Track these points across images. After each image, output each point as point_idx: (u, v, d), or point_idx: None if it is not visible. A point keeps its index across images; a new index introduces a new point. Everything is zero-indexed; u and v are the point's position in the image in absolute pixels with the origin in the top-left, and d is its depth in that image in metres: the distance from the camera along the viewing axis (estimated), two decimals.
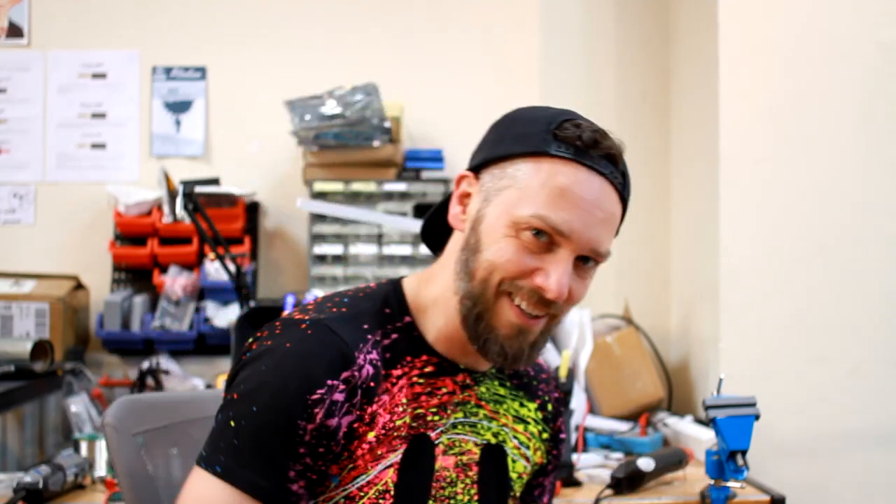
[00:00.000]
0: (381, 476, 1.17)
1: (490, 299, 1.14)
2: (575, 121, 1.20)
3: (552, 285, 1.12)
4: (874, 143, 2.55)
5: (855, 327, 2.52)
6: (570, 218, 1.12)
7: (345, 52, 3.07)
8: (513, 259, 1.13)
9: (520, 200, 1.14)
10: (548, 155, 1.15)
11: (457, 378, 1.23)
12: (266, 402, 1.11)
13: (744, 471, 1.51)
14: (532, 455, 1.34)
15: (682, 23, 2.98)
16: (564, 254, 1.13)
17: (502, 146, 1.18)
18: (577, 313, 2.65)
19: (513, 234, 1.13)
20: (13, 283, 2.80)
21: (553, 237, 1.13)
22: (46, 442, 2.67)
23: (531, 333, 1.16)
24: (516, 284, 1.14)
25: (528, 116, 1.21)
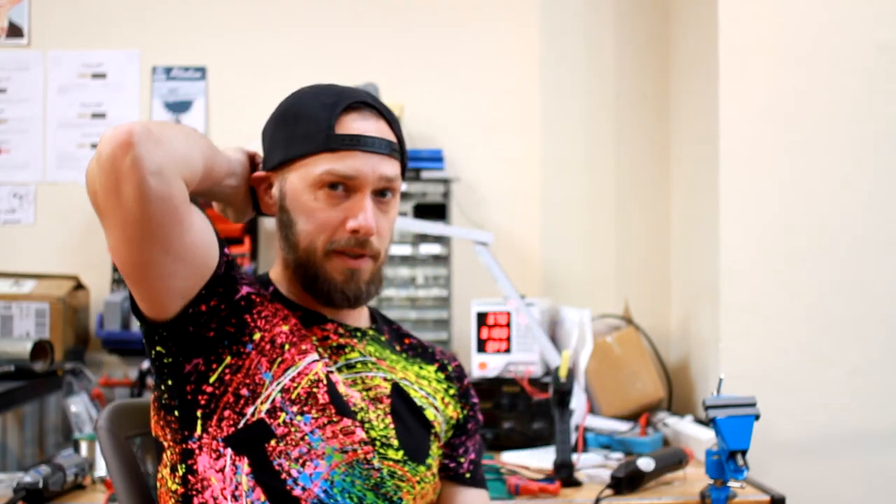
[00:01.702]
0: (311, 367, 1.28)
1: (318, 261, 1.31)
2: (352, 108, 1.33)
3: (362, 222, 1.29)
4: (874, 143, 2.55)
5: (855, 327, 2.52)
6: (354, 162, 1.30)
7: (345, 52, 3.06)
8: (322, 220, 1.30)
9: (308, 164, 1.31)
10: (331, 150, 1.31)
11: (325, 326, 1.35)
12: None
13: (744, 471, 1.51)
14: (442, 407, 1.44)
15: (682, 23, 2.98)
16: (362, 194, 1.31)
17: (293, 148, 1.33)
18: (578, 313, 2.65)
19: (313, 197, 1.30)
20: (13, 283, 2.80)
21: (346, 184, 1.30)
22: (46, 442, 2.67)
23: (362, 272, 1.33)
24: (335, 241, 1.31)
25: (309, 111, 1.33)
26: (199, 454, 1.25)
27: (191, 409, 1.26)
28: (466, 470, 1.46)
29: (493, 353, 2.60)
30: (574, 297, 3.00)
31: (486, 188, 3.06)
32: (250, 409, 1.25)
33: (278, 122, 1.36)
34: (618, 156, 3.11)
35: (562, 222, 3.09)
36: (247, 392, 1.25)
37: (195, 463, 1.25)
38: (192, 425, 1.26)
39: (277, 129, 1.36)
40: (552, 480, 2.11)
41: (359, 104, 1.33)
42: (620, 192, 3.10)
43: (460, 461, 1.46)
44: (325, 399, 1.27)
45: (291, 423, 1.25)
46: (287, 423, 1.25)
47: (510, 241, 3.03)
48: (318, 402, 1.26)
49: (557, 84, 3.10)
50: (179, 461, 1.27)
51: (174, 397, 1.27)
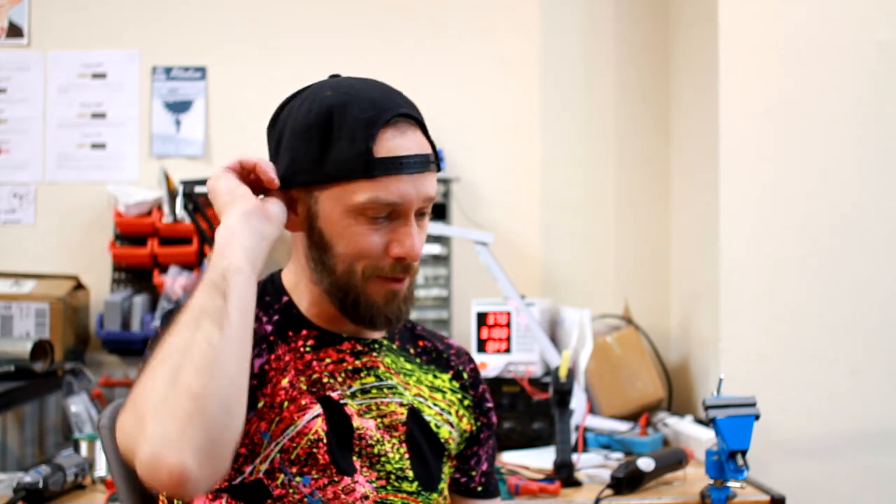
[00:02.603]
0: (310, 426, 1.22)
1: (359, 286, 1.23)
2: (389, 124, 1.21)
3: (408, 252, 1.21)
4: (874, 142, 2.55)
5: (855, 327, 2.52)
6: (398, 188, 1.20)
7: (345, 52, 3.07)
8: (365, 245, 1.21)
9: (346, 190, 1.20)
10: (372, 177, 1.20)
11: (341, 347, 1.29)
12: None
13: (744, 471, 1.51)
14: (457, 421, 1.39)
15: (682, 23, 2.98)
16: (406, 218, 1.22)
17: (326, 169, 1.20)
18: (578, 313, 2.66)
19: (353, 222, 1.20)
20: (13, 283, 2.80)
21: (391, 210, 1.21)
22: (46, 442, 2.67)
23: (401, 292, 1.26)
24: (378, 267, 1.23)
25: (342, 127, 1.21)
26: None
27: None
28: (478, 483, 1.43)
29: (493, 353, 2.60)
30: (574, 297, 3.00)
31: (486, 188, 3.06)
32: (249, 468, 1.20)
33: (302, 133, 1.22)
34: (618, 156, 3.11)
35: (562, 222, 3.09)
36: (245, 451, 1.20)
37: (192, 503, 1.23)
38: None
39: (301, 141, 1.22)
40: (552, 480, 2.11)
41: (396, 117, 1.22)
42: (620, 192, 3.10)
43: (471, 474, 1.43)
44: (326, 459, 1.22)
45: (290, 484, 1.21)
46: (285, 485, 1.21)
47: (510, 241, 3.03)
48: (318, 462, 1.21)
49: (557, 84, 3.10)
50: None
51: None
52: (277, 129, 1.27)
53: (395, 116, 1.22)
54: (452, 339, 1.51)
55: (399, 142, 1.21)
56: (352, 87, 1.25)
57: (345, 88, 1.24)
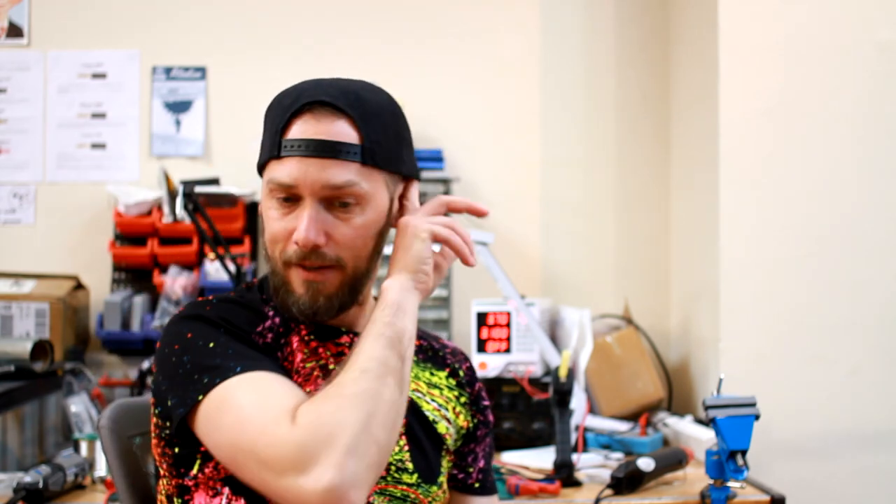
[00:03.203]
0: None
1: (280, 271, 1.25)
2: (304, 111, 1.23)
3: (299, 235, 1.20)
4: (874, 142, 2.55)
5: (855, 327, 2.52)
6: (293, 170, 1.21)
7: (344, 52, 3.07)
8: (274, 230, 1.24)
9: (266, 172, 1.25)
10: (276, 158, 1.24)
11: (339, 340, 1.30)
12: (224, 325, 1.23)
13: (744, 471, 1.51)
14: (454, 418, 1.40)
15: (682, 23, 2.98)
16: (304, 203, 1.21)
17: (261, 153, 1.27)
18: (578, 313, 2.66)
19: (269, 206, 1.24)
20: (13, 283, 2.80)
21: (288, 193, 1.22)
22: (46, 442, 2.67)
23: (322, 285, 1.24)
24: (286, 252, 1.24)
25: (272, 113, 1.27)
26: (196, 491, 1.22)
27: (192, 449, 1.21)
28: (475, 480, 1.44)
29: (493, 353, 2.60)
30: (574, 297, 3.00)
31: (486, 188, 3.06)
32: None
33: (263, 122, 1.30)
34: (618, 156, 3.11)
35: (562, 222, 3.09)
36: None
37: (192, 499, 1.23)
38: (190, 464, 1.22)
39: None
40: (552, 480, 2.11)
41: (314, 104, 1.21)
42: (620, 192, 3.10)
43: (469, 471, 1.43)
44: None
45: None
46: None
47: (510, 241, 3.03)
48: None
49: (557, 84, 3.10)
50: (176, 494, 1.25)
51: (177, 436, 1.21)
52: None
53: (314, 103, 1.22)
54: (447, 340, 1.51)
55: (309, 127, 1.21)
56: (305, 81, 1.28)
57: (302, 82, 1.28)
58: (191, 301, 1.30)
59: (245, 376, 1.15)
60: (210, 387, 1.15)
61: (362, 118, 1.22)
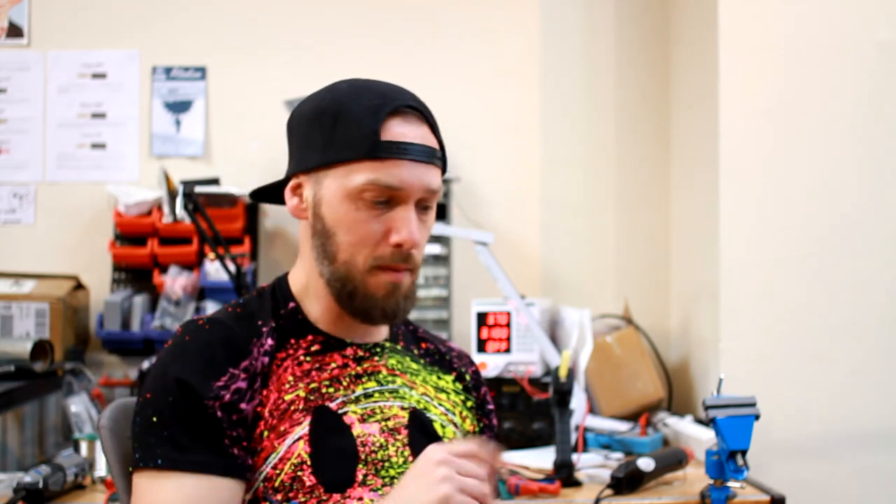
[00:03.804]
0: (292, 450, 1.21)
1: (359, 276, 1.24)
2: (397, 113, 1.24)
3: (405, 236, 1.22)
4: (874, 142, 2.55)
5: (855, 327, 2.52)
6: (399, 172, 1.22)
7: (344, 52, 3.07)
8: (365, 232, 1.23)
9: (349, 171, 1.22)
10: (375, 158, 1.22)
11: (345, 352, 1.30)
12: (176, 390, 1.19)
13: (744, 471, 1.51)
14: (461, 422, 1.39)
15: (682, 23, 2.98)
16: (406, 205, 1.23)
17: (332, 152, 1.24)
18: (578, 313, 2.66)
19: (354, 207, 1.22)
20: (13, 283, 2.80)
21: (390, 195, 1.22)
22: (46, 442, 2.67)
23: (402, 286, 1.26)
24: (378, 256, 1.23)
25: (351, 113, 1.24)
26: None
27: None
28: None
29: (493, 353, 2.60)
30: (574, 297, 3.00)
31: (486, 188, 3.06)
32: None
33: (314, 120, 1.26)
34: (618, 156, 3.11)
35: (562, 222, 3.09)
36: None
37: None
38: None
39: (312, 128, 1.26)
40: (552, 480, 2.11)
41: (404, 108, 1.24)
42: (620, 192, 3.10)
43: None
44: (312, 481, 1.20)
45: None
46: None
47: (510, 241, 3.03)
48: (304, 485, 1.20)
49: (557, 84, 3.10)
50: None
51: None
52: (292, 121, 1.31)
53: (404, 107, 1.24)
54: (453, 343, 1.51)
55: (404, 129, 1.24)
56: (368, 82, 1.29)
57: (360, 83, 1.29)
58: (186, 324, 1.27)
59: (162, 474, 1.16)
60: (137, 465, 1.19)
61: (435, 125, 1.29)
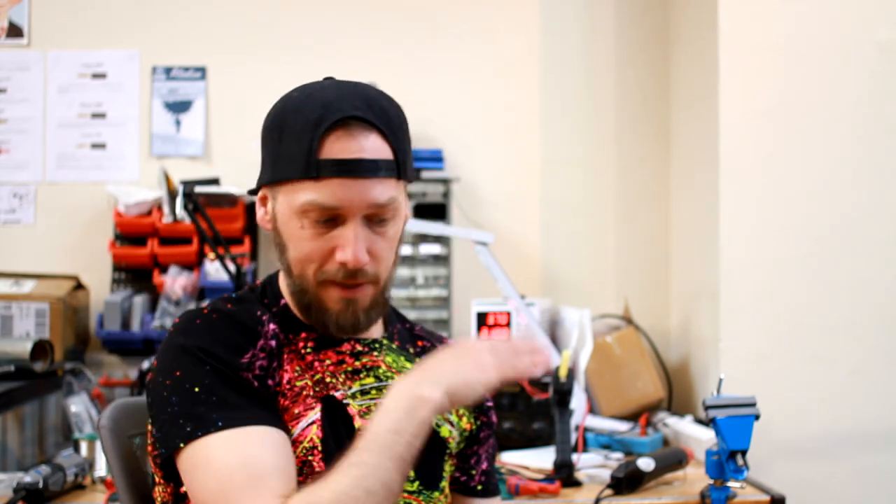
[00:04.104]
0: (305, 433, 1.22)
1: (312, 290, 1.23)
2: (338, 126, 1.19)
3: (349, 256, 1.19)
4: (874, 142, 2.55)
5: (855, 327, 2.52)
6: (338, 191, 1.18)
7: (344, 52, 3.07)
8: (309, 250, 1.21)
9: (293, 190, 1.20)
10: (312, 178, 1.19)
11: (341, 349, 1.29)
12: (211, 359, 1.18)
13: (744, 471, 1.51)
14: (457, 420, 1.38)
15: (682, 23, 2.98)
16: (349, 223, 1.20)
17: (277, 169, 1.22)
18: (578, 313, 2.66)
19: (299, 225, 1.21)
20: (13, 283, 2.80)
21: (331, 215, 1.20)
22: (46, 442, 2.67)
23: (360, 301, 1.24)
24: (325, 271, 1.22)
25: (293, 127, 1.20)
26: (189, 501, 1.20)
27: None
28: (478, 482, 1.43)
29: None
30: (574, 297, 3.00)
31: (486, 188, 3.06)
32: None
33: (265, 135, 1.25)
34: (618, 156, 3.11)
35: (562, 222, 3.09)
36: None
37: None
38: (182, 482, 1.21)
39: (264, 143, 1.25)
40: (552, 480, 2.11)
41: (347, 119, 1.18)
42: (620, 192, 3.10)
43: (471, 473, 1.42)
44: (321, 466, 1.20)
45: None
46: None
47: (510, 241, 3.03)
48: (313, 469, 1.20)
49: (557, 84, 3.10)
50: (171, 502, 1.25)
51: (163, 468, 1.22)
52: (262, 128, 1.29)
53: (347, 119, 1.18)
54: (451, 340, 1.50)
55: (345, 144, 1.18)
56: (317, 89, 1.23)
57: (310, 90, 1.24)
58: (186, 313, 1.26)
59: (225, 434, 1.14)
60: (191, 437, 1.15)
61: (391, 131, 1.21)
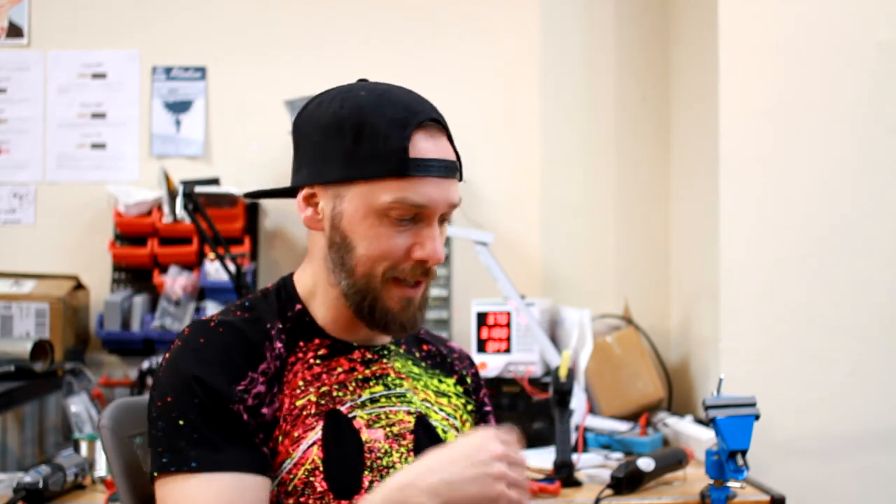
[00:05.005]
0: (306, 455, 1.22)
1: (377, 289, 1.24)
2: (422, 127, 1.23)
3: (430, 255, 1.22)
4: (874, 142, 2.55)
5: (855, 327, 2.52)
6: (427, 190, 1.21)
7: (344, 52, 3.07)
8: (388, 247, 1.22)
9: (375, 188, 1.21)
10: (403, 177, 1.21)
11: (352, 356, 1.29)
12: (201, 391, 1.17)
13: (744, 471, 1.51)
14: (461, 426, 1.39)
15: (682, 23, 2.98)
16: (430, 221, 1.23)
17: (356, 167, 1.22)
18: (578, 313, 2.66)
19: (378, 222, 1.21)
20: (13, 283, 2.80)
21: (417, 213, 1.22)
22: (46, 442, 2.67)
23: (416, 300, 1.27)
24: (399, 269, 1.23)
25: (376, 126, 1.22)
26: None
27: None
28: None
29: (493, 353, 2.60)
30: (574, 297, 3.00)
31: (486, 188, 3.06)
32: None
33: (332, 131, 1.23)
34: (618, 156, 3.11)
35: (562, 222, 3.09)
36: None
37: None
38: None
39: (331, 139, 1.23)
40: (552, 480, 2.11)
41: (428, 121, 1.23)
42: (620, 192, 3.10)
43: None
44: (323, 486, 1.21)
45: None
46: None
47: (510, 241, 3.03)
48: (315, 490, 1.21)
49: (557, 84, 3.10)
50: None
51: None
52: (303, 125, 1.29)
53: (428, 121, 1.23)
54: (454, 343, 1.51)
55: (430, 145, 1.23)
56: (386, 90, 1.27)
57: (379, 90, 1.26)
58: (194, 324, 1.25)
59: (199, 477, 1.14)
60: (165, 469, 1.16)
61: (451, 135, 1.27)
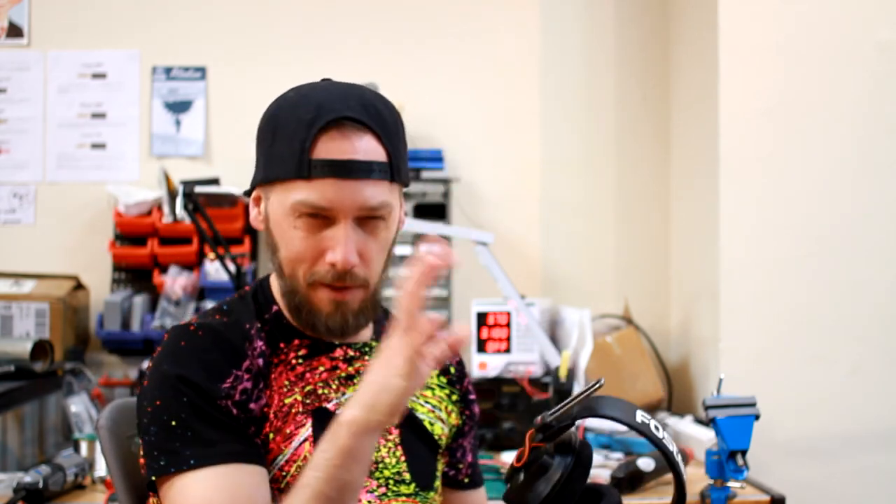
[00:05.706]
0: (298, 452, 1.22)
1: (302, 291, 1.22)
2: (332, 126, 1.18)
3: (338, 257, 1.18)
4: (873, 142, 2.55)
5: (855, 327, 2.52)
6: (329, 192, 1.17)
7: (344, 52, 3.07)
8: (300, 250, 1.20)
9: (285, 189, 1.19)
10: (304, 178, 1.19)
11: (333, 354, 1.28)
12: (189, 390, 1.17)
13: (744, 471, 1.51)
14: (447, 417, 1.39)
15: (682, 23, 2.98)
16: (340, 224, 1.19)
17: (270, 169, 1.22)
18: (578, 313, 2.66)
19: (292, 225, 1.20)
20: (13, 283, 2.80)
21: (322, 215, 1.19)
22: (46, 442, 2.67)
23: (350, 304, 1.22)
24: (315, 272, 1.21)
25: (286, 127, 1.20)
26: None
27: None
28: (465, 475, 1.44)
29: (493, 353, 2.60)
30: (574, 297, 3.00)
31: (486, 188, 3.06)
32: None
33: (259, 134, 1.25)
34: (618, 156, 3.11)
35: (562, 222, 3.09)
36: None
37: None
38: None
39: (258, 142, 1.25)
40: None
41: (341, 119, 1.17)
42: (620, 192, 3.10)
43: (459, 467, 1.43)
44: None
45: None
46: None
47: (510, 241, 3.03)
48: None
49: (557, 84, 3.10)
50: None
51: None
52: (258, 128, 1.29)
53: (341, 119, 1.17)
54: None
55: (339, 145, 1.17)
56: (312, 89, 1.23)
57: (305, 90, 1.23)
58: (174, 329, 1.25)
59: (197, 473, 1.14)
60: (164, 472, 1.15)
61: (385, 133, 1.20)
